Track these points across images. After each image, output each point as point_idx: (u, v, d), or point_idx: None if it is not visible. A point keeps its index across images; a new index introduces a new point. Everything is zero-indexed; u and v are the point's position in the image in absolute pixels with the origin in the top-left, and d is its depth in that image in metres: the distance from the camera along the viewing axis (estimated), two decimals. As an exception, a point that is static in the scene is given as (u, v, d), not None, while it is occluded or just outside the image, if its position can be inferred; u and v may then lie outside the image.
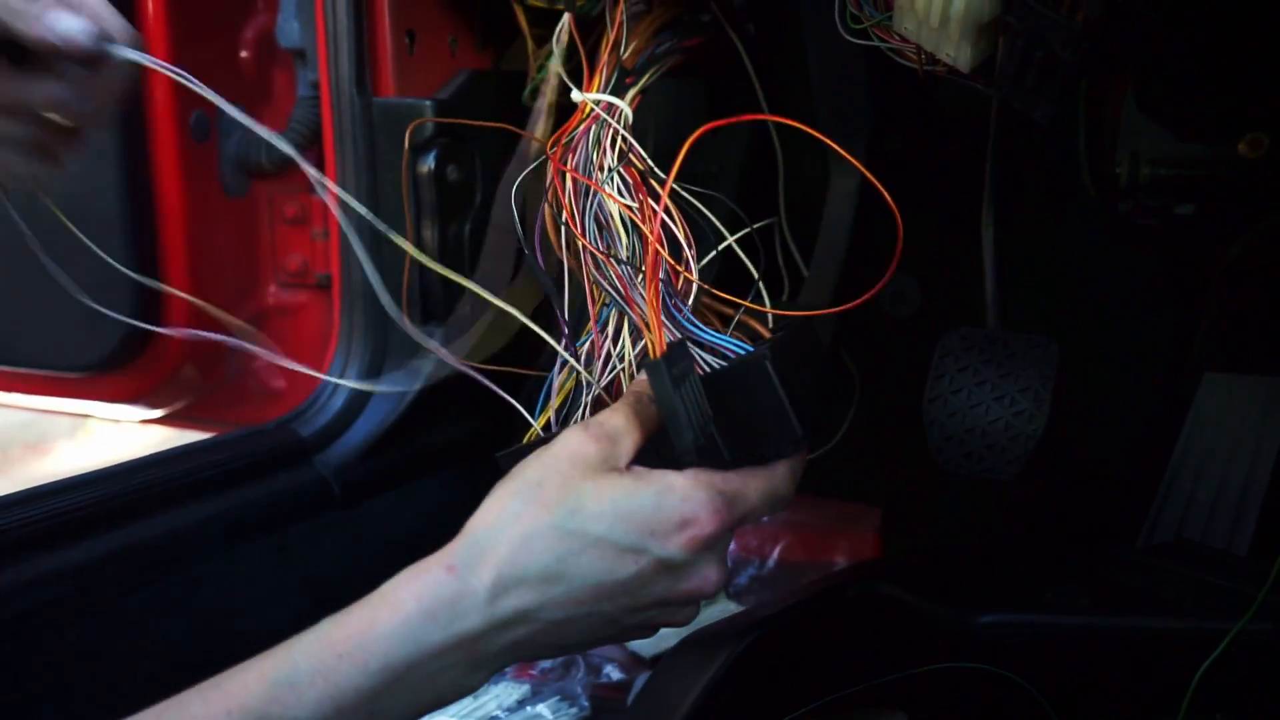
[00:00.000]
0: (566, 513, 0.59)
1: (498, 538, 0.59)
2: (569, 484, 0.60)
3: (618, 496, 0.60)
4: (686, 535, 0.60)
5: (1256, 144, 0.95)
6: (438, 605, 0.57)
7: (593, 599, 0.59)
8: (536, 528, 0.59)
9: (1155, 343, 1.12)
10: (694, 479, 0.61)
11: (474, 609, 0.57)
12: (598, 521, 0.59)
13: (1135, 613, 0.70)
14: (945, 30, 0.68)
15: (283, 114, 1.19)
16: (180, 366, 1.19)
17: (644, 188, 0.82)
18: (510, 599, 0.58)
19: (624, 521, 0.59)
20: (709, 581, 0.63)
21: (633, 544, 0.59)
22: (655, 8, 0.94)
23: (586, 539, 0.59)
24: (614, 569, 0.59)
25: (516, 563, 0.58)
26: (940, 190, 1.19)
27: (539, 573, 0.58)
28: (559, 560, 0.59)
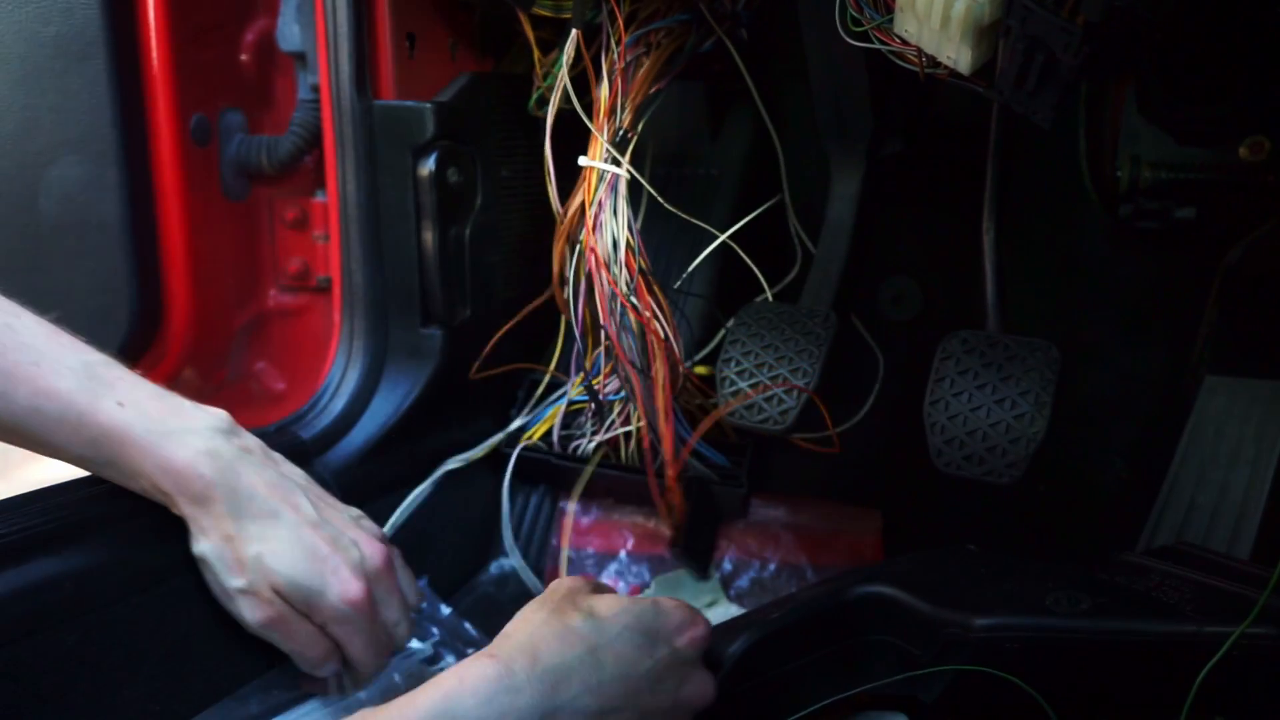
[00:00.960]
0: (586, 617, 0.70)
1: (533, 636, 0.67)
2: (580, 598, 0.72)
3: (625, 605, 0.71)
4: (689, 635, 0.73)
5: (1257, 147, 0.95)
6: (480, 683, 0.62)
7: (623, 692, 0.67)
8: (564, 627, 0.68)
9: (1156, 346, 1.12)
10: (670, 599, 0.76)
11: (513, 689, 0.63)
12: (614, 623, 0.70)
13: (1136, 617, 0.70)
14: (946, 33, 0.68)
15: (284, 117, 1.19)
16: (181, 370, 1.18)
17: (645, 286, 1.03)
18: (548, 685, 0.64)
19: (637, 623, 0.70)
20: (708, 686, 0.73)
21: (648, 641, 0.70)
22: (653, 51, 0.98)
23: (609, 636, 0.69)
24: (637, 661, 0.69)
25: (553, 653, 0.66)
26: (940, 193, 1.19)
27: (574, 662, 0.66)
28: (590, 651, 0.67)
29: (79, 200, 1.09)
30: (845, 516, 1.15)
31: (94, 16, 1.05)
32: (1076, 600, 0.72)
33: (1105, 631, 0.69)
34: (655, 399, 1.05)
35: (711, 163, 1.27)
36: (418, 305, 1.09)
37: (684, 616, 0.74)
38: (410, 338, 1.10)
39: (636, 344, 1.06)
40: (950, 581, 0.79)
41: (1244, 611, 0.65)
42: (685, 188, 1.26)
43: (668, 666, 0.70)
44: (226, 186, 1.18)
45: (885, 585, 0.77)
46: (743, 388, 0.98)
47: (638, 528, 1.15)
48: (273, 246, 1.24)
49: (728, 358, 1.00)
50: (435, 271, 1.08)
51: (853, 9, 0.77)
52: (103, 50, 1.05)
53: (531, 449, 1.14)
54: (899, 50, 0.75)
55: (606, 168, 1.01)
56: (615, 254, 1.03)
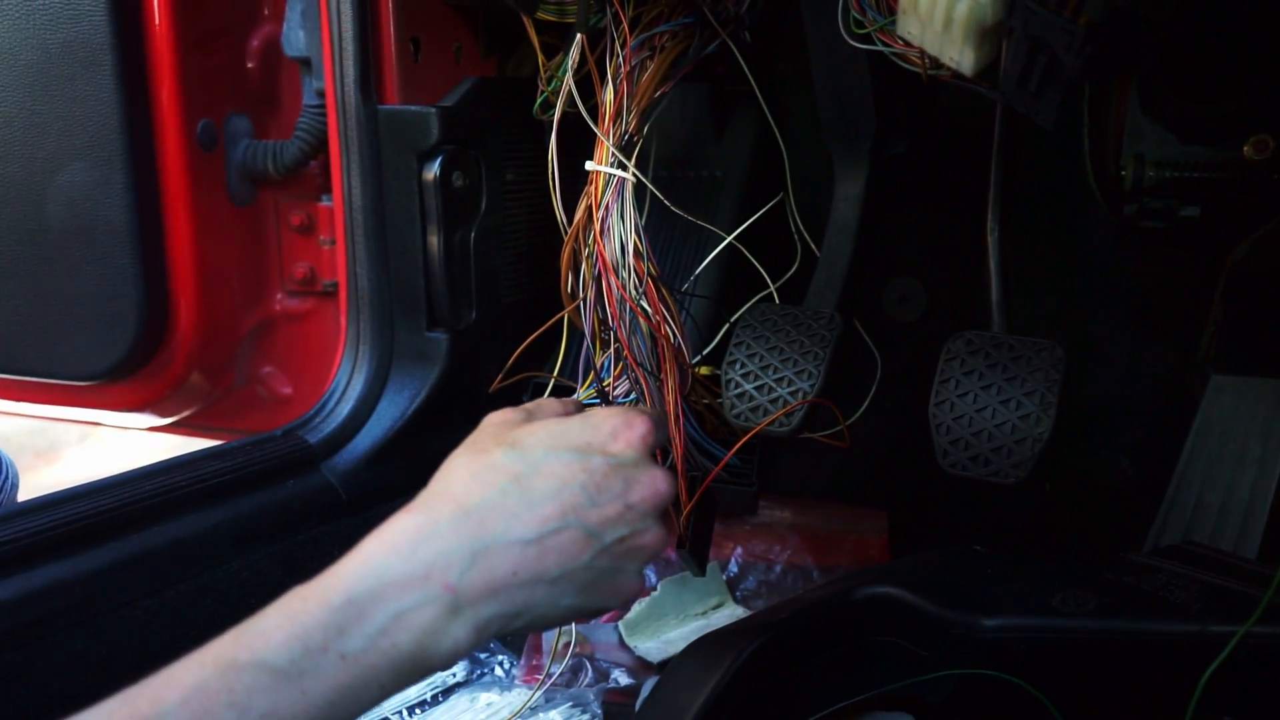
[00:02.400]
0: (507, 448, 0.63)
1: (450, 480, 0.62)
2: (503, 432, 0.66)
3: (550, 427, 0.65)
4: (625, 436, 0.66)
5: (1261, 146, 0.95)
6: (398, 538, 0.58)
7: (558, 513, 0.61)
8: (484, 464, 0.62)
9: (1161, 345, 1.12)
10: (605, 408, 0.69)
11: (436, 536, 0.58)
12: (538, 446, 0.63)
13: (1142, 616, 0.70)
14: (949, 34, 0.68)
15: (289, 122, 1.20)
16: (188, 375, 1.19)
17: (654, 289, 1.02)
18: (473, 523, 0.58)
19: (562, 440, 0.64)
20: (660, 479, 0.66)
21: (578, 454, 0.63)
22: (658, 54, 0.98)
23: (533, 461, 0.62)
24: (567, 477, 0.62)
25: (473, 492, 0.60)
26: (944, 194, 1.19)
27: (497, 495, 0.60)
28: (514, 480, 0.61)
29: (86, 205, 1.10)
30: (851, 518, 1.15)
31: (101, 23, 1.05)
32: (1083, 600, 0.72)
33: (1112, 631, 0.69)
34: (665, 401, 1.05)
35: (716, 165, 1.27)
36: (423, 309, 1.09)
37: (617, 421, 0.67)
38: (416, 342, 1.10)
39: (646, 346, 1.06)
40: (956, 582, 0.79)
41: (1250, 611, 0.64)
42: (690, 189, 1.26)
43: (606, 474, 0.63)
44: (233, 191, 1.19)
45: (891, 586, 0.77)
46: (748, 389, 0.98)
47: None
48: (279, 251, 1.24)
49: (733, 359, 1.01)
50: (441, 275, 1.08)
51: (855, 11, 0.77)
52: (110, 57, 1.06)
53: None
54: (902, 52, 0.76)
55: (613, 172, 1.02)
56: (623, 258, 1.04)
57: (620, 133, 1.01)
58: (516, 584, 0.59)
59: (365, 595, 0.55)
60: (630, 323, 1.04)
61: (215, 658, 0.54)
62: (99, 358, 1.14)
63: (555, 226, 1.11)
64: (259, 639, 0.54)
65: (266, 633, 0.54)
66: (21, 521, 0.79)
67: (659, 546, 0.66)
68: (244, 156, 1.18)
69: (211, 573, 0.90)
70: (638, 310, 1.02)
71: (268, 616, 0.55)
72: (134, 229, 1.09)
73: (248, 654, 0.54)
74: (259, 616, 0.56)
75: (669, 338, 1.04)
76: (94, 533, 0.83)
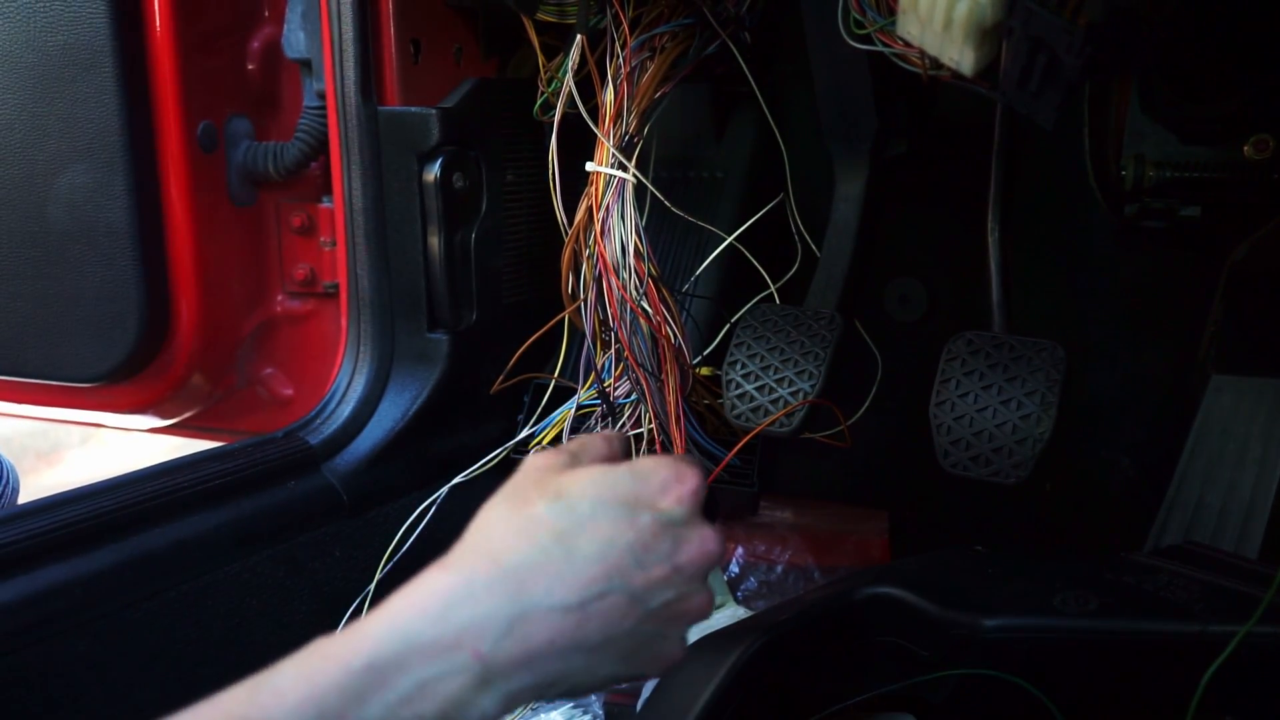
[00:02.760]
0: (551, 500, 0.58)
1: (489, 534, 0.57)
2: (545, 480, 0.60)
3: (596, 478, 0.59)
4: (675, 491, 0.60)
5: (1262, 145, 0.95)
6: (429, 599, 0.53)
7: (603, 575, 0.56)
8: (525, 518, 0.57)
9: (1162, 345, 1.12)
10: (654, 457, 0.63)
11: (471, 598, 0.53)
12: (583, 499, 0.58)
13: (1143, 616, 0.70)
14: (949, 35, 0.68)
15: (289, 123, 1.20)
16: (190, 376, 1.19)
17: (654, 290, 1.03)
18: (512, 585, 0.54)
19: (610, 493, 0.58)
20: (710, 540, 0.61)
21: (626, 510, 0.58)
22: (658, 55, 0.99)
23: (578, 517, 0.57)
24: (614, 536, 0.57)
25: (513, 549, 0.55)
26: (945, 194, 1.19)
27: (539, 554, 0.55)
28: (557, 538, 0.56)
29: (87, 207, 1.10)
30: (852, 518, 1.15)
31: (102, 26, 1.05)
32: (1084, 600, 0.72)
33: (1113, 631, 0.69)
34: (666, 401, 1.06)
35: (716, 165, 1.27)
36: (424, 310, 1.09)
37: (667, 474, 0.61)
38: (417, 343, 1.10)
39: (647, 347, 1.06)
40: (957, 582, 0.79)
41: (1251, 611, 0.64)
42: (690, 190, 1.26)
43: (655, 533, 0.58)
44: (233, 193, 1.19)
45: (892, 586, 0.77)
46: (749, 390, 0.98)
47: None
48: (279, 252, 1.24)
49: (733, 360, 1.01)
50: (441, 276, 1.08)
51: (855, 12, 0.77)
52: (110, 59, 1.06)
53: (541, 453, 1.15)
54: (902, 52, 0.76)
55: (613, 173, 1.02)
56: (624, 258, 1.04)
57: (620, 134, 1.01)
58: (553, 653, 0.54)
59: (389, 660, 0.51)
60: (631, 323, 1.04)
61: (227, 713, 0.51)
62: (100, 359, 1.14)
63: (556, 227, 1.11)
64: (273, 699, 0.50)
65: (282, 692, 0.51)
66: (23, 523, 0.79)
67: (706, 611, 0.62)
68: (245, 158, 1.18)
69: (213, 574, 0.90)
70: (638, 311, 1.03)
71: (285, 673, 0.51)
72: (135, 231, 1.09)
73: (260, 714, 0.50)
74: (277, 671, 0.52)
75: (670, 338, 1.05)
76: (95, 534, 0.83)
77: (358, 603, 1.02)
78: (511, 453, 1.16)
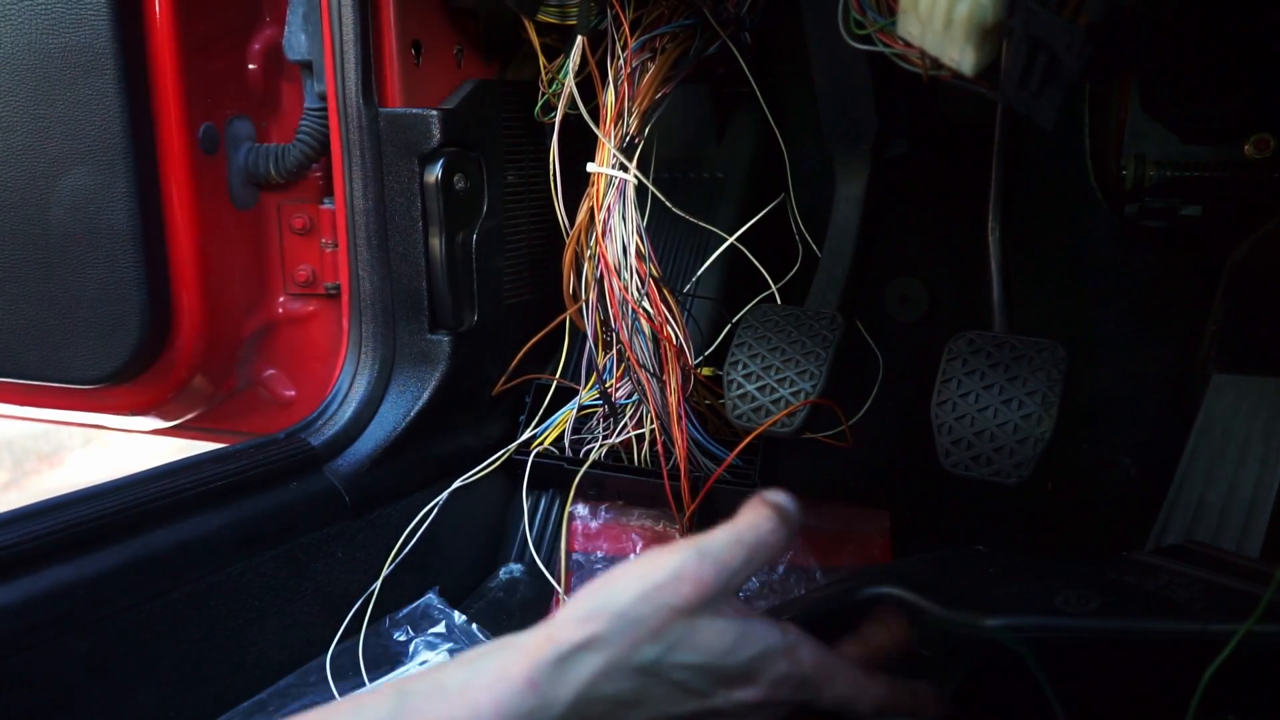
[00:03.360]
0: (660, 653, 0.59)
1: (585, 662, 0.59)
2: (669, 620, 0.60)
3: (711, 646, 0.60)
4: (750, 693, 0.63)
5: (1262, 145, 0.95)
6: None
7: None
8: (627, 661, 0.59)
9: (1163, 344, 1.12)
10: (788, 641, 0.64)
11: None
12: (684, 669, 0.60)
13: (1145, 615, 0.70)
14: (949, 34, 0.68)
15: (291, 125, 1.20)
16: (191, 378, 1.19)
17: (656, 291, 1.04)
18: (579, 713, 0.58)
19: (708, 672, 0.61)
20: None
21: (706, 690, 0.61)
22: (659, 56, 0.99)
23: (670, 680, 0.60)
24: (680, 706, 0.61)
25: (597, 689, 0.58)
26: (945, 194, 1.19)
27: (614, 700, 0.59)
28: (637, 692, 0.59)
29: (89, 209, 1.10)
30: (854, 517, 1.15)
31: (103, 27, 1.06)
32: (1086, 599, 0.72)
33: (1114, 630, 0.69)
34: (667, 402, 1.06)
35: (717, 165, 1.27)
36: (425, 311, 1.09)
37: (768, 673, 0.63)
38: (418, 343, 1.10)
39: (649, 347, 1.06)
40: (959, 582, 0.79)
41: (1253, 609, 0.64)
42: (691, 190, 1.27)
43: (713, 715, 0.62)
44: (235, 194, 1.19)
45: (894, 586, 0.77)
46: (750, 390, 0.98)
47: (647, 531, 1.15)
48: (281, 254, 1.24)
49: (735, 360, 1.01)
50: (443, 277, 1.09)
51: (855, 12, 0.77)
52: (111, 61, 1.06)
53: (544, 455, 1.15)
54: (902, 52, 0.76)
55: (614, 173, 1.02)
56: (625, 259, 1.04)
57: (621, 134, 1.02)
58: None
59: None
60: (632, 324, 1.04)
61: None
62: (102, 361, 1.14)
63: (557, 228, 1.11)
64: None
65: None
66: (26, 525, 0.80)
67: None
68: (246, 160, 1.19)
69: (215, 575, 0.90)
70: (640, 311, 1.03)
71: None
72: (136, 232, 1.09)
73: None
74: None
75: (671, 339, 1.05)
76: (98, 536, 0.83)
77: (360, 603, 1.02)
78: (514, 454, 1.16)
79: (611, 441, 1.13)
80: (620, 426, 1.12)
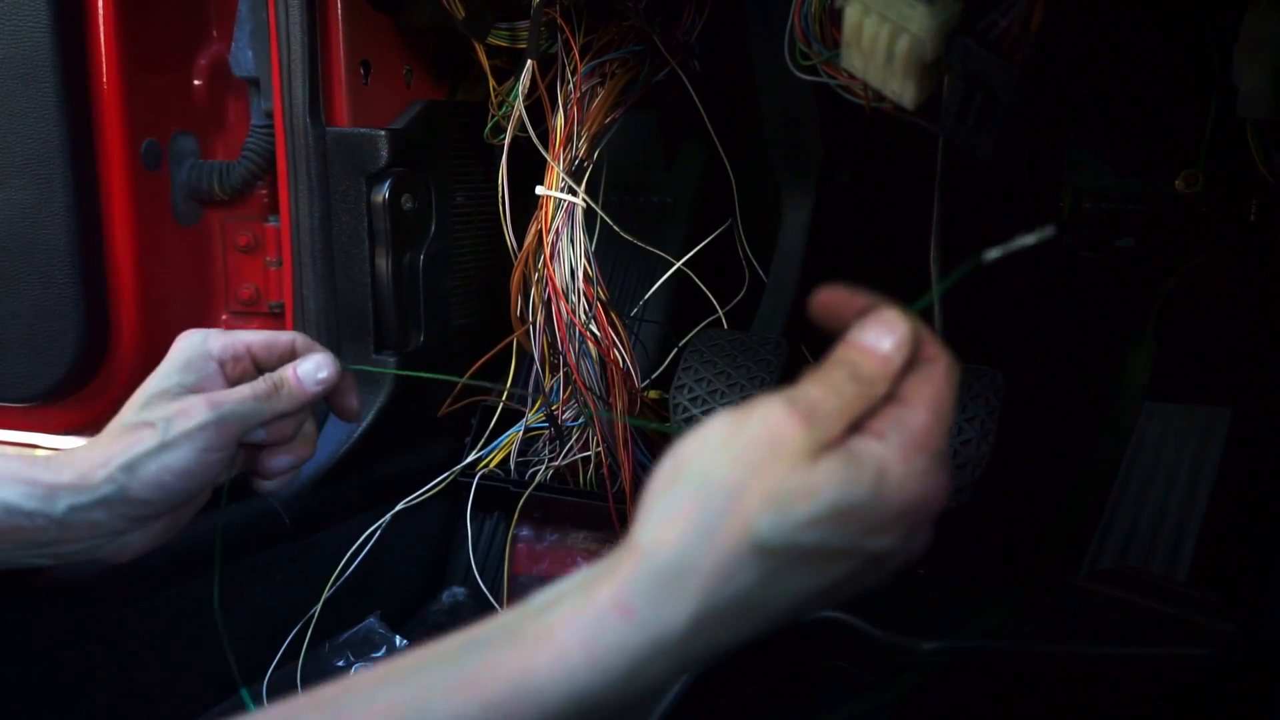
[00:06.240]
0: (775, 524, 0.46)
1: (690, 567, 0.45)
2: (774, 483, 0.46)
3: (832, 495, 0.47)
4: (906, 525, 0.50)
5: (1191, 179, 0.98)
6: (611, 659, 0.45)
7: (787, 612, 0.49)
8: (740, 550, 0.46)
9: (1098, 372, 1.14)
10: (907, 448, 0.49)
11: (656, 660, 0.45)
12: (812, 529, 0.46)
13: (1078, 639, 0.71)
14: (890, 68, 0.70)
15: (236, 142, 1.18)
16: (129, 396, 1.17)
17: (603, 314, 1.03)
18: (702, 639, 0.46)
19: (839, 523, 0.47)
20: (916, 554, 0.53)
21: (845, 546, 0.48)
22: (608, 81, 1.00)
23: (798, 552, 0.47)
24: (819, 576, 0.48)
25: (714, 600, 0.46)
26: (890, 221, 1.21)
27: (739, 604, 0.46)
28: (763, 584, 0.47)
29: (24, 224, 1.08)
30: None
31: (43, 39, 1.04)
32: (1021, 623, 0.73)
33: (1048, 654, 0.71)
34: (614, 425, 1.06)
35: (666, 190, 1.29)
36: (371, 331, 1.08)
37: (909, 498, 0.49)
38: (364, 364, 1.09)
39: (595, 370, 1.07)
40: (899, 606, 0.80)
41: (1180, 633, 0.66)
42: (641, 214, 1.27)
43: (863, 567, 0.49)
44: (177, 211, 1.17)
45: (835, 610, 0.78)
46: (696, 414, 0.99)
47: (590, 554, 1.15)
48: (224, 271, 1.23)
49: (681, 384, 1.01)
50: (389, 298, 1.08)
51: (801, 43, 0.78)
52: (51, 73, 1.04)
53: (489, 477, 1.14)
54: (845, 84, 0.77)
55: (563, 196, 1.03)
56: (573, 282, 1.04)
57: (570, 158, 1.02)
58: None
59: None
60: (579, 347, 1.04)
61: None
62: (36, 379, 1.11)
63: (506, 250, 1.11)
64: None
65: None
66: None
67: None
68: (189, 176, 1.17)
69: (149, 599, 0.88)
70: (587, 335, 1.03)
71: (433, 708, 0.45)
72: (74, 248, 1.07)
73: None
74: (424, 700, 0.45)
75: (618, 362, 1.05)
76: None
77: (299, 627, 1.01)
78: (459, 476, 1.15)
79: (558, 464, 1.13)
80: (566, 449, 1.12)
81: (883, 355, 0.53)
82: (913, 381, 0.53)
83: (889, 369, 0.52)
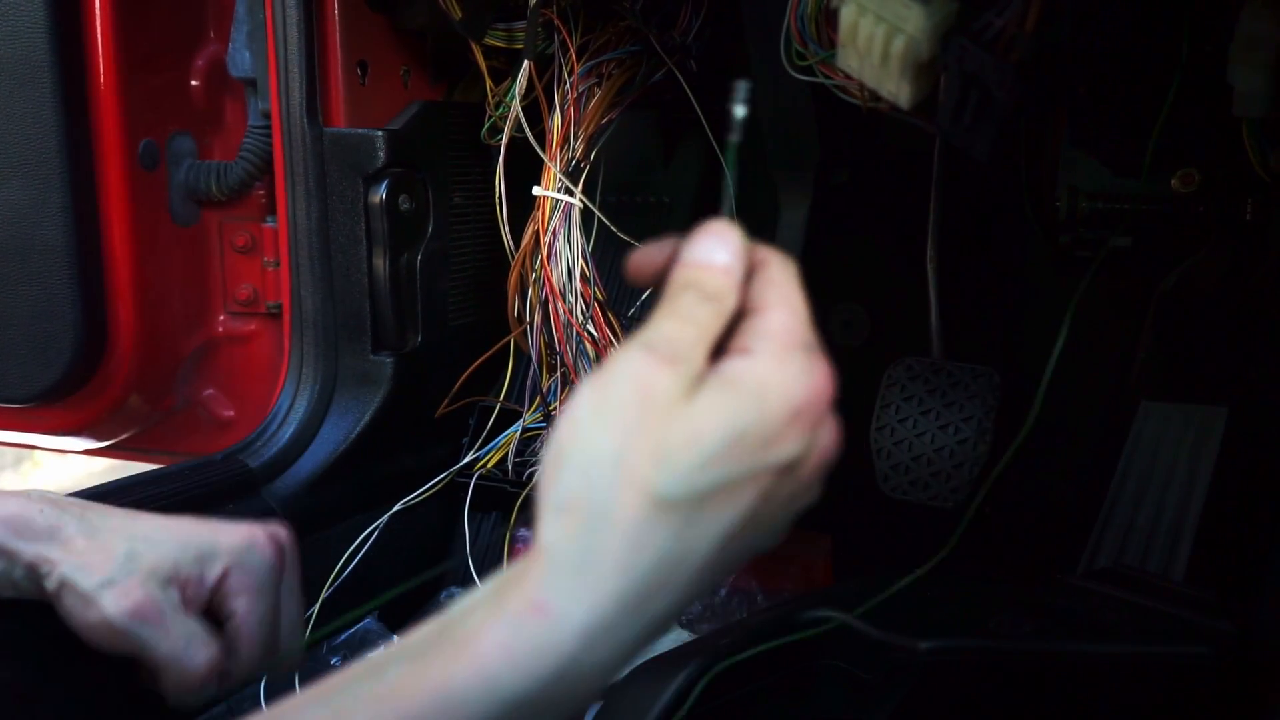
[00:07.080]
0: (669, 477, 0.44)
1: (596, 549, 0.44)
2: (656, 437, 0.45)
3: (719, 429, 0.45)
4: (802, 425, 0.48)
5: (1188, 179, 0.98)
6: (534, 661, 0.44)
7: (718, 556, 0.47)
8: (642, 514, 0.44)
9: (1096, 371, 1.14)
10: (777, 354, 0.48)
11: (590, 651, 0.44)
12: (709, 469, 0.45)
13: (1075, 639, 0.72)
14: (886, 68, 0.70)
15: (234, 143, 1.19)
16: (127, 397, 1.17)
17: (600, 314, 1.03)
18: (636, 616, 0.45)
19: (734, 453, 0.45)
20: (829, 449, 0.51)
21: (747, 470, 0.46)
22: (605, 81, 1.00)
23: (703, 495, 0.45)
24: (734, 509, 0.46)
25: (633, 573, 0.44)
26: (887, 222, 1.21)
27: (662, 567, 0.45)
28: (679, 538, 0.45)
29: (22, 225, 1.08)
30: (795, 541, 1.15)
31: (40, 41, 1.04)
32: (1019, 623, 0.74)
33: (1045, 653, 0.71)
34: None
35: (663, 190, 1.29)
36: (368, 332, 1.09)
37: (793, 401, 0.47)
38: (361, 364, 1.09)
39: (593, 370, 1.07)
40: (897, 605, 0.80)
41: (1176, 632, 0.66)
42: (638, 214, 1.27)
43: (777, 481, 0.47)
44: (175, 211, 1.17)
45: (833, 610, 0.78)
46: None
47: (590, 554, 1.15)
48: (222, 272, 1.23)
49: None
50: (386, 298, 1.08)
51: (797, 44, 0.78)
52: (48, 74, 1.04)
53: (487, 477, 1.14)
54: (842, 84, 0.77)
55: (560, 197, 1.03)
56: (570, 282, 1.04)
57: (567, 158, 1.02)
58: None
59: None
60: (577, 347, 1.04)
61: None
62: (33, 379, 1.12)
63: (503, 250, 1.11)
64: None
65: None
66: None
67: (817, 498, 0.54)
68: (187, 177, 1.17)
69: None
70: (584, 335, 1.03)
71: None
72: (71, 248, 1.07)
73: None
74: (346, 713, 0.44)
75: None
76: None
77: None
78: (456, 476, 1.15)
79: None
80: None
81: (723, 266, 0.52)
82: (757, 286, 0.52)
83: (733, 279, 0.51)
